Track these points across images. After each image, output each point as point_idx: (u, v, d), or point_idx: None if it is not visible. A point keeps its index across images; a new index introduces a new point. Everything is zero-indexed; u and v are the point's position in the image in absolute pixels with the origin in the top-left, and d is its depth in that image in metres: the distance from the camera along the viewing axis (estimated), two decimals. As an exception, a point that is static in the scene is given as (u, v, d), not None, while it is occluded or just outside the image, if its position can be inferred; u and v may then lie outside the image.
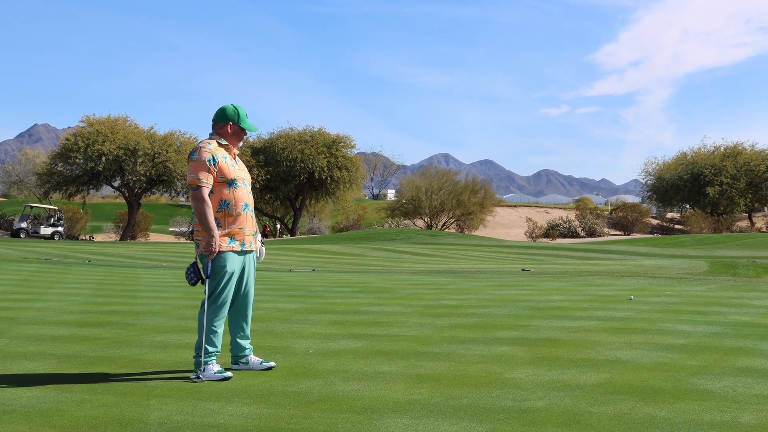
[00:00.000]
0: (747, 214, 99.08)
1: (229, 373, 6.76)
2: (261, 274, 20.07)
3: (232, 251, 6.93)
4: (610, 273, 21.35)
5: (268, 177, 79.91)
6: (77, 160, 71.77)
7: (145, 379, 6.68)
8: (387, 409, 5.73)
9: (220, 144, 7.05)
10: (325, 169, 79.47)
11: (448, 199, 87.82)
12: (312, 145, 79.29)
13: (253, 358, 7.22)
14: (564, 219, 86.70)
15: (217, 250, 6.77)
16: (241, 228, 7.00)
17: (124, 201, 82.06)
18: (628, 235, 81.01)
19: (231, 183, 6.94)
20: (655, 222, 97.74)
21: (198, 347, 6.84)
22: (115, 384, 6.52)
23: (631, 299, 12.73)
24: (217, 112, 7.16)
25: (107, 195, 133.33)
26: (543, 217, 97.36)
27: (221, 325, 6.96)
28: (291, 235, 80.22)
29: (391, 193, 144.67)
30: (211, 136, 7.14)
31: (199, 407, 5.77)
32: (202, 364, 6.77)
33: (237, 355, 7.21)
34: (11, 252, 33.91)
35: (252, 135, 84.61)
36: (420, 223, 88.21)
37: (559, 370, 7.04)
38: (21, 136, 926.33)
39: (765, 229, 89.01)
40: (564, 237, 79.58)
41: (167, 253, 37.07)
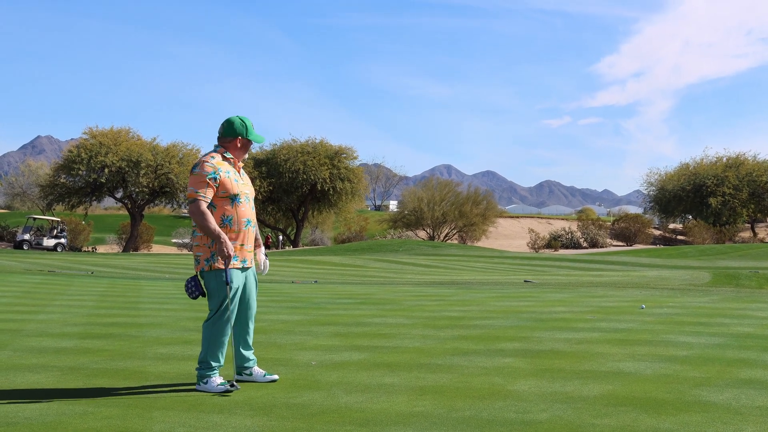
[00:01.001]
0: (750, 225, 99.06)
1: (231, 387, 6.72)
2: (263, 286, 20.07)
3: (235, 268, 6.93)
4: (613, 284, 21.35)
5: (271, 188, 80.00)
6: (80, 172, 71.78)
7: (148, 392, 6.68)
8: (390, 421, 5.73)
9: (224, 157, 6.98)
10: (327, 180, 79.49)
11: (450, 210, 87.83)
12: (314, 157, 79.35)
13: (257, 370, 7.20)
14: (566, 230, 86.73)
15: (232, 252, 6.69)
16: (242, 245, 6.96)
17: (126, 212, 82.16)
18: (631, 245, 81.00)
19: (234, 198, 6.88)
20: (657, 233, 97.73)
21: (201, 360, 6.84)
22: (118, 396, 6.51)
23: (642, 308, 12.74)
24: (223, 125, 7.02)
25: (110, 206, 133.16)
26: (545, 228, 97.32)
27: (225, 341, 6.93)
28: (293, 247, 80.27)
29: (393, 205, 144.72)
30: (215, 148, 7.07)
31: (202, 420, 5.77)
32: (205, 377, 6.77)
33: (241, 366, 7.19)
34: (14, 264, 33.95)
35: (255, 147, 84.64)
36: (422, 234, 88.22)
37: (562, 382, 7.04)
38: (24, 147, 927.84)
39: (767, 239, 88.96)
40: (566, 248, 79.59)
41: (170, 264, 37.11)
